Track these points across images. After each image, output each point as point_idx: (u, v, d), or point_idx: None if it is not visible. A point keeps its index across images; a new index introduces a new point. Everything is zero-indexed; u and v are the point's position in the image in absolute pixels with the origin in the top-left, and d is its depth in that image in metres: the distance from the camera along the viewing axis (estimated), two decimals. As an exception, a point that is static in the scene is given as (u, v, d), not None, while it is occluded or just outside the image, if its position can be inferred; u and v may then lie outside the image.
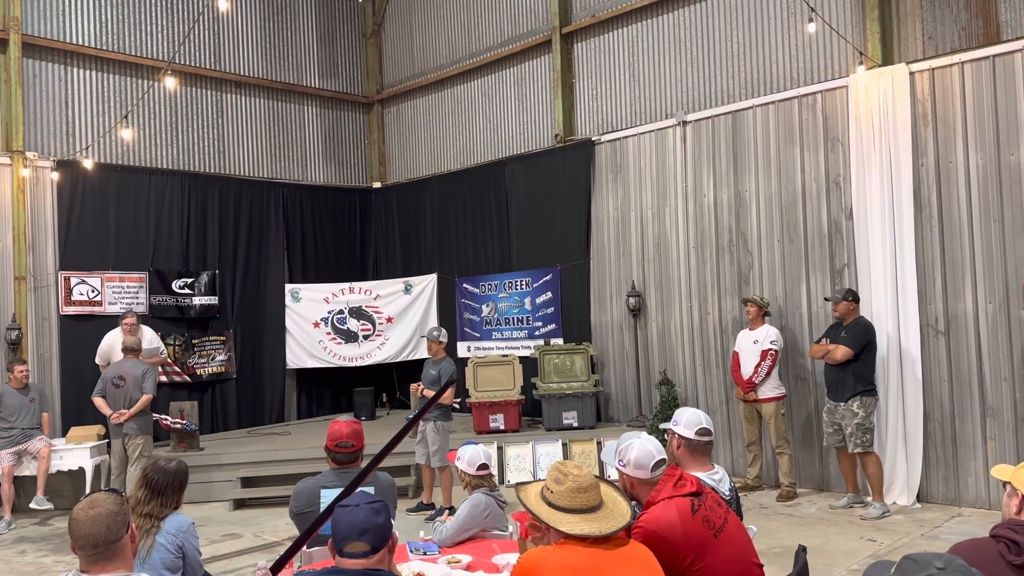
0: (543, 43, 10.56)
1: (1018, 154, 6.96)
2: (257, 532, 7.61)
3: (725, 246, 8.83)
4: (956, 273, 7.30)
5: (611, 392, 9.90)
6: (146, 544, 3.74)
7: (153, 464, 4.03)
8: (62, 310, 9.51)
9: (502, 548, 4.02)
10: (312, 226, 12.04)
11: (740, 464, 8.52)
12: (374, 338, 11.71)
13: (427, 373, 8.01)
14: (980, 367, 7.17)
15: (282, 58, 11.93)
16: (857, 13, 7.92)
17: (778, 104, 8.41)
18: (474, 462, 4.43)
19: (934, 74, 7.41)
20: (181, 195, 10.56)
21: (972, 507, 7.17)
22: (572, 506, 2.77)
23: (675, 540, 3.03)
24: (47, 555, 7.15)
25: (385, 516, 2.50)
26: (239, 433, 10.66)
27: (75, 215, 9.68)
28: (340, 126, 12.70)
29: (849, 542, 6.39)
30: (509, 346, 10.65)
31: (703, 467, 3.62)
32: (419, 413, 2.52)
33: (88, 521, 2.44)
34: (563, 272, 10.26)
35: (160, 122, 10.63)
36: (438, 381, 7.82)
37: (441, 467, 7.71)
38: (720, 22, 8.95)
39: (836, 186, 8.02)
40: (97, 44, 10.05)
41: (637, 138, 9.58)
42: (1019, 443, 6.93)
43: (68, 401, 9.47)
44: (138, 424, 8.04)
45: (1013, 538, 2.55)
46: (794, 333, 8.26)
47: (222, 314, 10.92)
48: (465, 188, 11.45)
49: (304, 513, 3.92)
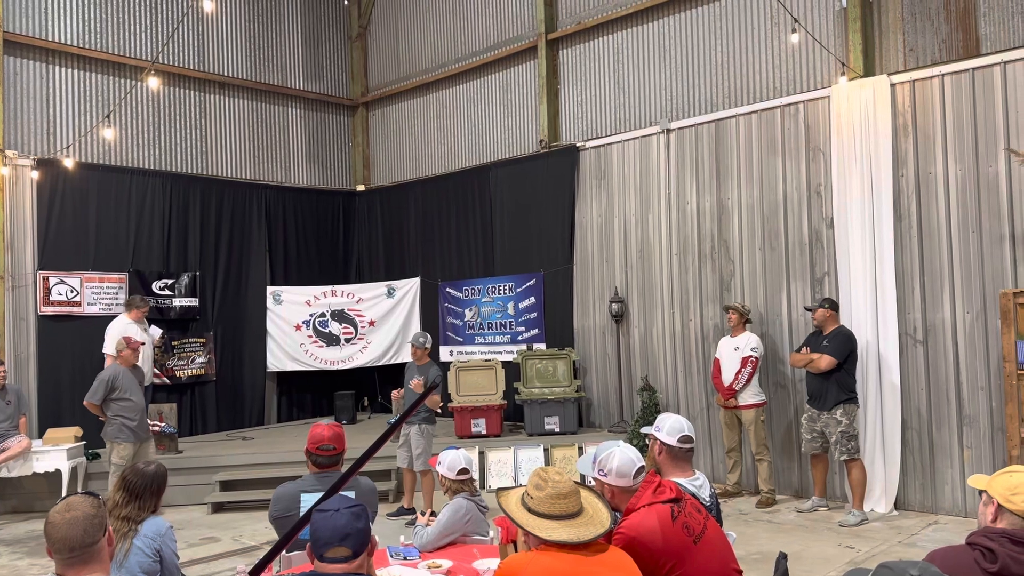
0: (529, 49, 10.59)
1: (996, 166, 7.06)
2: (236, 536, 7.55)
3: (707, 253, 8.88)
4: (935, 283, 7.38)
5: (593, 398, 9.92)
6: (123, 548, 3.71)
7: (131, 467, 4.01)
8: (40, 310, 9.41)
9: (483, 553, 4.02)
10: (295, 228, 11.99)
11: (720, 470, 8.57)
12: (356, 341, 11.67)
13: (412, 378, 7.96)
14: (957, 376, 7.25)
15: (267, 59, 11.88)
16: (839, 25, 8.00)
17: (761, 113, 8.48)
18: (455, 467, 4.43)
19: (915, 86, 7.50)
20: (163, 196, 10.48)
21: (949, 515, 7.24)
22: (551, 512, 2.78)
23: (655, 546, 3.04)
24: (22, 558, 7.07)
25: (365, 521, 2.50)
26: (218, 436, 10.58)
27: (55, 214, 9.59)
28: (324, 128, 12.66)
29: (827, 549, 6.44)
30: (492, 351, 10.64)
31: (684, 473, 3.64)
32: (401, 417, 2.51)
33: (64, 524, 2.42)
34: (546, 277, 10.28)
35: (143, 122, 10.55)
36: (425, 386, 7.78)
37: (424, 471, 7.68)
38: (704, 32, 9.01)
39: (817, 195, 8.09)
40: (80, 43, 9.97)
41: (621, 145, 9.63)
42: (995, 451, 7.00)
43: (45, 402, 9.37)
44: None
45: (988, 545, 2.58)
46: (774, 340, 8.32)
47: (202, 316, 10.84)
48: (449, 192, 11.45)
49: (284, 517, 3.90)
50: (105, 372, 7.94)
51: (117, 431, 7.63)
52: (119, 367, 7.83)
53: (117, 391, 7.65)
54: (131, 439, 7.65)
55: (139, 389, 7.89)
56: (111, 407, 7.65)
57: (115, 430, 7.63)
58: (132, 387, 7.76)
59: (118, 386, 7.65)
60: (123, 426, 7.62)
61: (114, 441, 7.65)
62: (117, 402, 7.64)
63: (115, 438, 7.64)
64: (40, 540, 6.17)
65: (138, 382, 7.92)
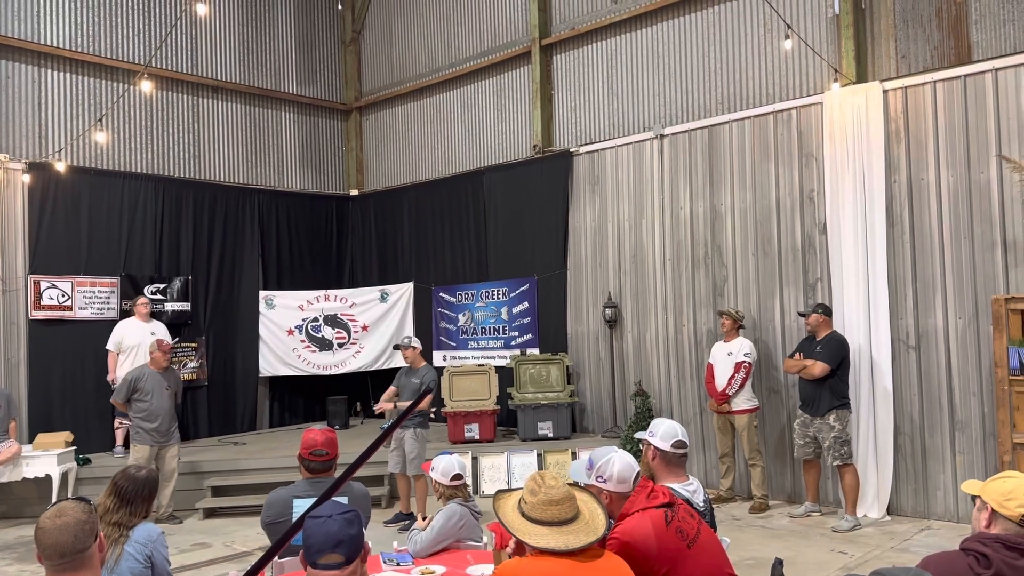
0: (523, 54, 10.60)
1: (988, 172, 7.09)
2: (227, 542, 7.51)
3: (700, 259, 8.89)
4: (927, 288, 7.41)
5: (586, 403, 9.91)
6: (114, 553, 3.67)
7: (123, 472, 3.97)
8: (31, 315, 9.36)
9: (476, 559, 4.01)
10: (288, 233, 11.96)
11: (714, 475, 8.57)
12: (349, 346, 11.64)
13: (408, 383, 7.88)
14: (950, 381, 7.27)
15: (260, 64, 11.87)
16: (832, 31, 8.03)
17: (754, 119, 8.50)
18: (448, 472, 4.41)
19: (907, 92, 7.53)
20: (155, 200, 10.45)
21: (941, 520, 7.26)
22: (543, 518, 2.76)
23: (649, 552, 3.03)
24: (11, 564, 7.01)
25: (358, 527, 2.48)
26: (210, 441, 10.54)
27: (46, 218, 9.54)
28: (318, 133, 12.65)
29: (820, 554, 6.44)
30: (485, 356, 10.63)
31: (678, 478, 3.63)
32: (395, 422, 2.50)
33: (55, 530, 2.40)
34: (540, 282, 10.28)
35: (135, 126, 10.52)
36: (420, 390, 7.72)
37: (416, 476, 7.64)
38: (698, 38, 9.03)
39: (810, 201, 8.11)
40: (72, 46, 9.93)
41: (615, 150, 9.64)
42: (987, 457, 7.02)
43: (36, 407, 9.30)
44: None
45: (983, 551, 2.58)
46: (768, 346, 8.33)
47: (194, 320, 10.80)
48: (443, 197, 11.44)
49: (276, 523, 3.88)
50: (131, 372, 8.32)
51: (134, 432, 8.06)
52: (147, 368, 8.20)
53: (139, 392, 8.02)
54: (147, 441, 8.00)
55: (164, 392, 8.15)
56: (132, 407, 8.05)
57: (133, 431, 8.08)
58: (156, 389, 8.08)
59: (140, 387, 8.02)
60: (139, 428, 8.01)
61: (132, 441, 8.10)
62: (137, 403, 8.02)
63: (132, 438, 8.10)
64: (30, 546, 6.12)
65: (165, 385, 8.18)
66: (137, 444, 8.03)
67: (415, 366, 7.94)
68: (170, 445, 8.19)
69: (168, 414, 8.16)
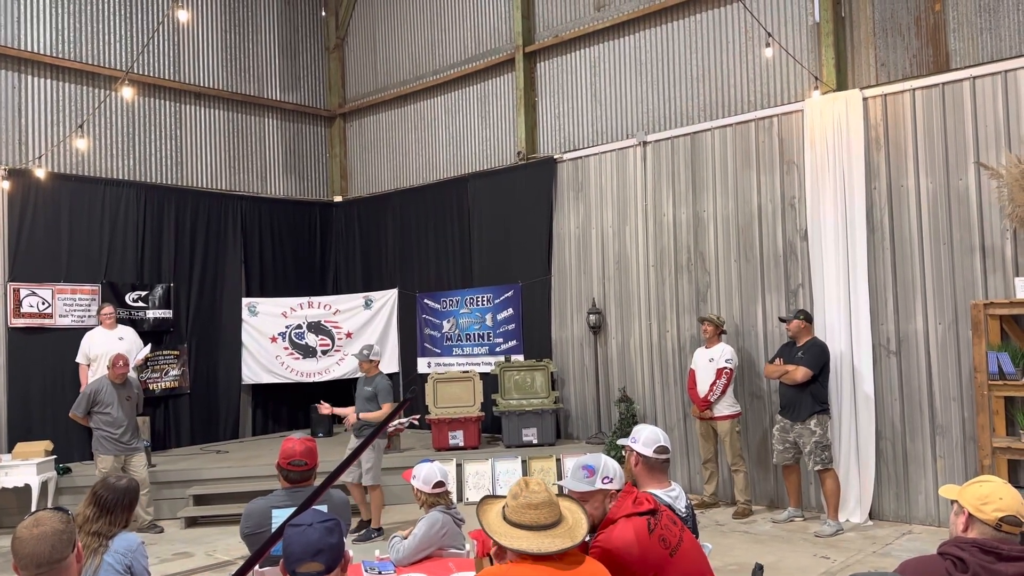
0: (506, 61, 10.63)
1: (966, 179, 7.16)
2: (209, 551, 7.46)
3: (683, 265, 8.93)
4: (907, 294, 7.47)
5: (571, 409, 9.92)
6: (93, 564, 3.64)
7: (102, 481, 3.93)
8: (10, 322, 9.26)
9: (458, 567, 4.00)
10: (271, 239, 11.91)
11: (697, 481, 8.59)
12: (333, 353, 11.60)
13: (362, 391, 7.86)
14: (930, 386, 7.33)
15: (243, 70, 11.82)
16: (812, 39, 8.10)
17: (736, 127, 8.55)
18: (430, 480, 4.40)
19: (886, 100, 7.60)
20: (137, 206, 10.37)
21: (922, 524, 7.31)
22: (521, 521, 2.77)
23: (632, 560, 3.04)
24: (-11, 575, 6.93)
25: (339, 535, 2.47)
26: (192, 449, 10.46)
27: (26, 225, 9.45)
28: (301, 139, 12.61)
29: (802, 559, 6.47)
30: (470, 362, 10.62)
31: (660, 484, 3.64)
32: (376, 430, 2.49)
33: (32, 540, 2.37)
34: (524, 289, 10.28)
35: (116, 132, 10.45)
36: (374, 399, 7.69)
37: (372, 486, 7.61)
38: (680, 46, 9.09)
39: (791, 208, 8.17)
40: (53, 52, 9.86)
41: (598, 157, 9.67)
42: (967, 461, 7.08)
43: (15, 416, 9.20)
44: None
45: (959, 555, 2.61)
46: (750, 352, 8.37)
47: (176, 328, 10.72)
48: (427, 203, 11.44)
49: (255, 534, 3.84)
50: (89, 385, 8.35)
51: (97, 443, 8.05)
52: (105, 381, 8.19)
53: (99, 405, 8.04)
54: (110, 451, 8.01)
55: (123, 403, 8.15)
56: (93, 420, 8.07)
57: (95, 442, 8.07)
58: (114, 401, 8.08)
59: (99, 400, 8.04)
60: (101, 439, 8.02)
61: (95, 452, 8.09)
62: (98, 415, 8.04)
63: (95, 450, 8.09)
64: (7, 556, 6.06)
65: (124, 397, 8.19)
66: (101, 455, 7.98)
67: (369, 375, 7.92)
68: (135, 454, 8.16)
69: (131, 423, 8.17)
